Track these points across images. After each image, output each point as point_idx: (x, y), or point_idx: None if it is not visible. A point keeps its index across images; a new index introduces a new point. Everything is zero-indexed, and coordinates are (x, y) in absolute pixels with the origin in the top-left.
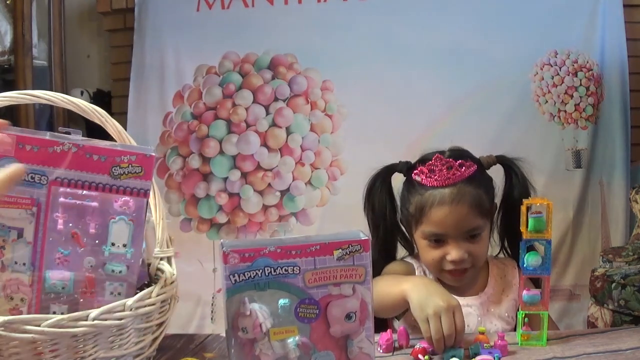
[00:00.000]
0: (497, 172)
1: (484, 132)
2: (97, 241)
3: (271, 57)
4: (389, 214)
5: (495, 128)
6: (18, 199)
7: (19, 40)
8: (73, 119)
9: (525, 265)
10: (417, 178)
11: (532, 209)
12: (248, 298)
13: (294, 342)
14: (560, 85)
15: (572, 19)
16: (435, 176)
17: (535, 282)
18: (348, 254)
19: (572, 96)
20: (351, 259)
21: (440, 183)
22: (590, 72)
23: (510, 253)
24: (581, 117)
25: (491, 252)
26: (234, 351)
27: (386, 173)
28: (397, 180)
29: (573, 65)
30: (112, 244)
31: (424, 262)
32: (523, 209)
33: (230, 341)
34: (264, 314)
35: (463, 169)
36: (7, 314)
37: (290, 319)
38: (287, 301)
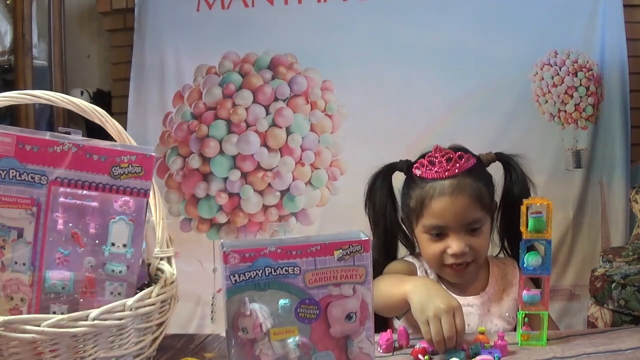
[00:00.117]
0: (496, 171)
1: (484, 132)
2: (97, 241)
3: (271, 57)
4: (389, 212)
5: (495, 128)
6: (18, 199)
7: (19, 40)
8: (73, 119)
9: (525, 265)
10: (417, 172)
11: (532, 209)
12: (248, 298)
13: (294, 342)
14: (560, 85)
15: (572, 19)
16: (435, 168)
17: (535, 282)
18: (348, 255)
19: (572, 96)
20: (351, 259)
21: (440, 175)
22: (590, 72)
23: (510, 253)
24: (581, 117)
25: (491, 252)
26: (234, 351)
27: (387, 172)
28: (398, 180)
29: (573, 65)
30: (112, 244)
31: (425, 257)
32: (523, 209)
33: (230, 341)
34: (264, 314)
35: (462, 160)
36: (7, 314)
37: (291, 319)
38: (287, 301)
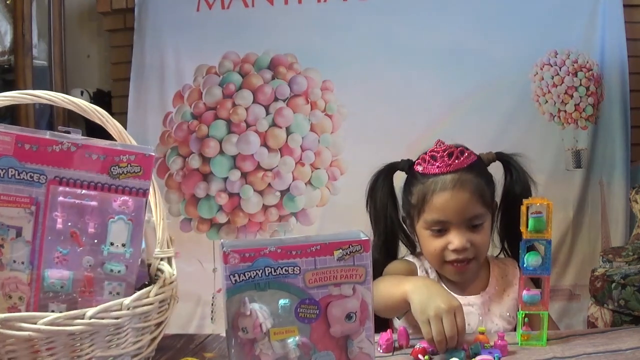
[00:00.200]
0: (497, 171)
1: (484, 132)
2: (96, 240)
3: (271, 57)
4: (390, 211)
5: (495, 128)
6: (17, 197)
7: (19, 40)
8: (73, 119)
9: (525, 265)
10: (418, 168)
11: (532, 209)
12: (248, 298)
13: (294, 342)
14: (560, 85)
15: (572, 19)
16: (437, 163)
17: (535, 282)
18: (348, 254)
19: (572, 96)
20: (351, 259)
21: (441, 170)
22: (590, 72)
23: (510, 254)
24: (581, 117)
25: (492, 253)
26: (234, 351)
27: (388, 171)
28: (398, 180)
29: (573, 65)
30: (111, 244)
31: (426, 254)
32: (523, 208)
33: (230, 341)
34: (264, 314)
35: (464, 156)
36: (5, 312)
37: (291, 319)
38: (287, 301)
